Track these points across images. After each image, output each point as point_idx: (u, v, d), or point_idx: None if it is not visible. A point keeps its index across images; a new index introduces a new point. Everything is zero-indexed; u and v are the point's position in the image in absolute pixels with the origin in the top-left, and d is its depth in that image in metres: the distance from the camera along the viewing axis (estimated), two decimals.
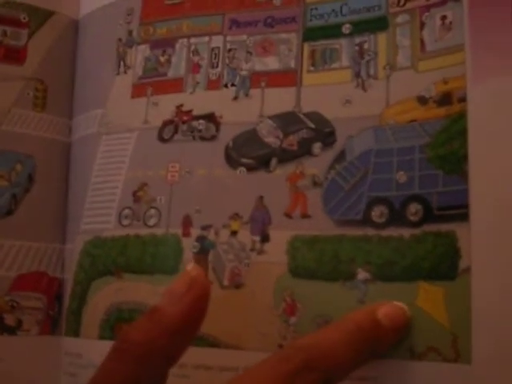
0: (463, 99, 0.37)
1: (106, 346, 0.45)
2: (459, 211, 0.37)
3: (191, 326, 0.36)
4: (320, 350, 0.33)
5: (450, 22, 0.39)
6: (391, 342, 0.36)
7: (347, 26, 0.43)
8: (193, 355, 0.41)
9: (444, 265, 0.37)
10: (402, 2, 0.41)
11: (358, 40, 0.43)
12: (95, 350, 0.47)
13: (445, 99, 0.39)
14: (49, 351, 0.50)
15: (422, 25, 0.41)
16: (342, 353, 0.34)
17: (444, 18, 0.40)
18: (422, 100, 0.40)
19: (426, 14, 0.41)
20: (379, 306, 0.37)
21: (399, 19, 0.42)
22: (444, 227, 0.37)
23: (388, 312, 0.36)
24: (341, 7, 0.43)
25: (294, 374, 0.32)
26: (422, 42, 0.40)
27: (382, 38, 0.42)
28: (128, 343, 0.35)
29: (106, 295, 0.47)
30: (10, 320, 0.49)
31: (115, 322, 0.46)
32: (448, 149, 0.38)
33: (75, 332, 0.49)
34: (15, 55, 0.52)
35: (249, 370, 0.34)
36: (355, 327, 0.35)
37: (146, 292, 0.45)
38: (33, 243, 0.50)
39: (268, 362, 0.33)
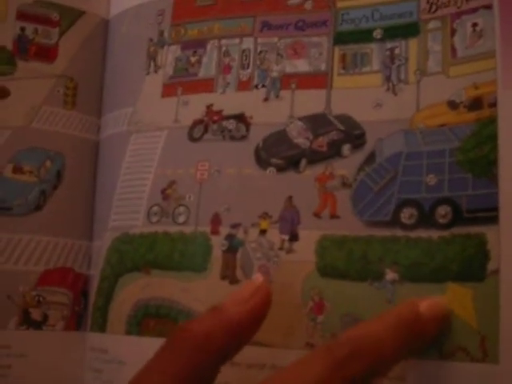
0: (494, 104, 0.38)
1: (133, 341, 0.47)
2: (489, 214, 0.37)
3: (249, 328, 0.37)
4: (365, 341, 0.34)
5: (481, 29, 0.40)
6: (433, 333, 0.37)
7: (378, 31, 0.44)
8: None
9: (473, 266, 0.37)
10: (433, 9, 0.42)
11: (389, 45, 0.43)
12: (121, 346, 0.48)
13: (475, 104, 0.39)
14: (73, 347, 0.50)
15: (453, 31, 0.41)
16: (386, 344, 0.34)
17: (475, 25, 0.40)
18: (453, 104, 0.40)
19: (457, 21, 0.41)
20: (420, 300, 0.37)
21: (430, 25, 0.42)
22: (473, 230, 0.38)
23: (429, 305, 0.37)
24: (372, 13, 0.44)
25: (341, 365, 0.33)
26: (453, 48, 0.41)
27: (413, 43, 0.43)
28: (187, 332, 0.35)
29: (133, 291, 0.48)
30: (36, 315, 0.49)
31: (142, 318, 0.47)
32: (478, 153, 0.38)
33: (101, 327, 0.49)
34: (46, 53, 0.52)
35: (296, 362, 0.34)
36: (398, 319, 0.35)
37: (173, 288, 0.46)
38: (60, 239, 0.51)
39: (315, 353, 0.34)
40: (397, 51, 0.43)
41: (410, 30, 0.43)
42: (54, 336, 0.50)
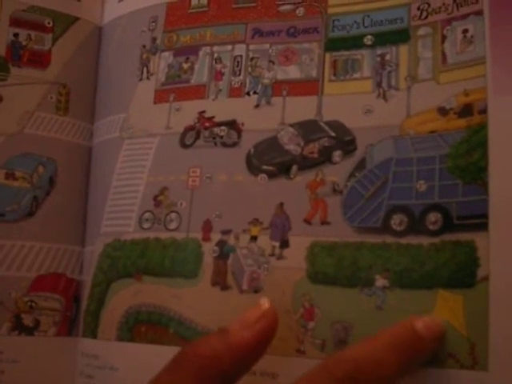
0: (484, 111, 0.38)
1: (124, 347, 0.47)
2: (478, 220, 0.37)
3: (255, 353, 0.37)
4: (365, 362, 0.34)
5: (472, 36, 0.40)
6: (430, 351, 0.37)
7: (369, 37, 0.44)
8: None
9: (462, 273, 0.37)
10: (423, 15, 0.42)
11: (379, 51, 0.43)
12: (113, 352, 0.48)
13: (465, 111, 0.39)
14: (65, 352, 0.50)
15: (444, 38, 0.42)
16: (386, 365, 0.34)
17: (465, 31, 0.40)
18: (443, 111, 0.40)
19: (448, 27, 0.41)
20: (416, 319, 0.37)
21: (421, 32, 0.42)
22: (463, 236, 0.38)
23: (425, 323, 0.36)
24: (363, 19, 0.44)
25: None
26: (444, 54, 0.41)
27: (403, 49, 0.43)
28: (192, 355, 0.36)
29: (125, 297, 0.48)
30: (28, 320, 0.49)
31: (134, 324, 0.47)
32: (468, 159, 0.38)
33: (93, 333, 0.49)
34: (39, 59, 0.53)
35: (295, 382, 0.34)
36: (397, 340, 0.35)
37: (165, 295, 0.46)
38: (52, 245, 0.51)
39: (313, 373, 0.34)
40: (387, 57, 0.43)
41: (400, 37, 0.43)
42: (46, 342, 0.50)
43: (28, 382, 0.49)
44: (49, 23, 0.53)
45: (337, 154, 0.43)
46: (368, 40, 0.44)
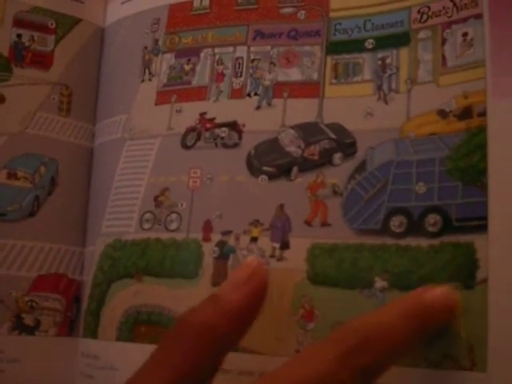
0: (483, 113, 0.38)
1: (124, 347, 0.47)
2: (478, 222, 0.37)
3: (249, 313, 0.36)
4: (376, 329, 0.33)
5: (471, 39, 0.40)
6: (441, 322, 0.36)
7: (370, 41, 0.44)
8: None
9: (462, 275, 0.37)
10: (424, 19, 0.43)
11: (380, 55, 0.44)
12: (113, 352, 0.48)
13: (465, 113, 0.40)
14: (65, 352, 0.50)
15: (444, 41, 0.42)
16: (397, 333, 0.33)
17: (465, 34, 0.41)
18: (443, 114, 0.41)
19: (448, 30, 0.42)
20: (426, 290, 0.36)
21: (421, 35, 0.43)
22: (463, 238, 0.38)
23: (434, 294, 0.36)
24: (364, 23, 0.44)
25: (351, 354, 0.32)
26: (444, 57, 0.42)
27: (404, 52, 0.43)
28: (187, 323, 0.35)
29: (125, 298, 0.48)
30: (28, 320, 0.49)
31: (134, 325, 0.47)
32: (467, 162, 0.38)
33: (93, 333, 0.49)
34: (42, 60, 0.53)
35: (305, 350, 0.34)
36: (407, 308, 0.35)
37: (165, 295, 0.46)
38: (53, 245, 0.51)
39: (325, 341, 0.33)
40: (388, 60, 0.43)
41: (400, 40, 0.43)
42: (47, 341, 0.50)
43: (28, 382, 0.49)
44: (52, 24, 0.53)
45: (337, 157, 0.43)
46: (369, 44, 0.44)
